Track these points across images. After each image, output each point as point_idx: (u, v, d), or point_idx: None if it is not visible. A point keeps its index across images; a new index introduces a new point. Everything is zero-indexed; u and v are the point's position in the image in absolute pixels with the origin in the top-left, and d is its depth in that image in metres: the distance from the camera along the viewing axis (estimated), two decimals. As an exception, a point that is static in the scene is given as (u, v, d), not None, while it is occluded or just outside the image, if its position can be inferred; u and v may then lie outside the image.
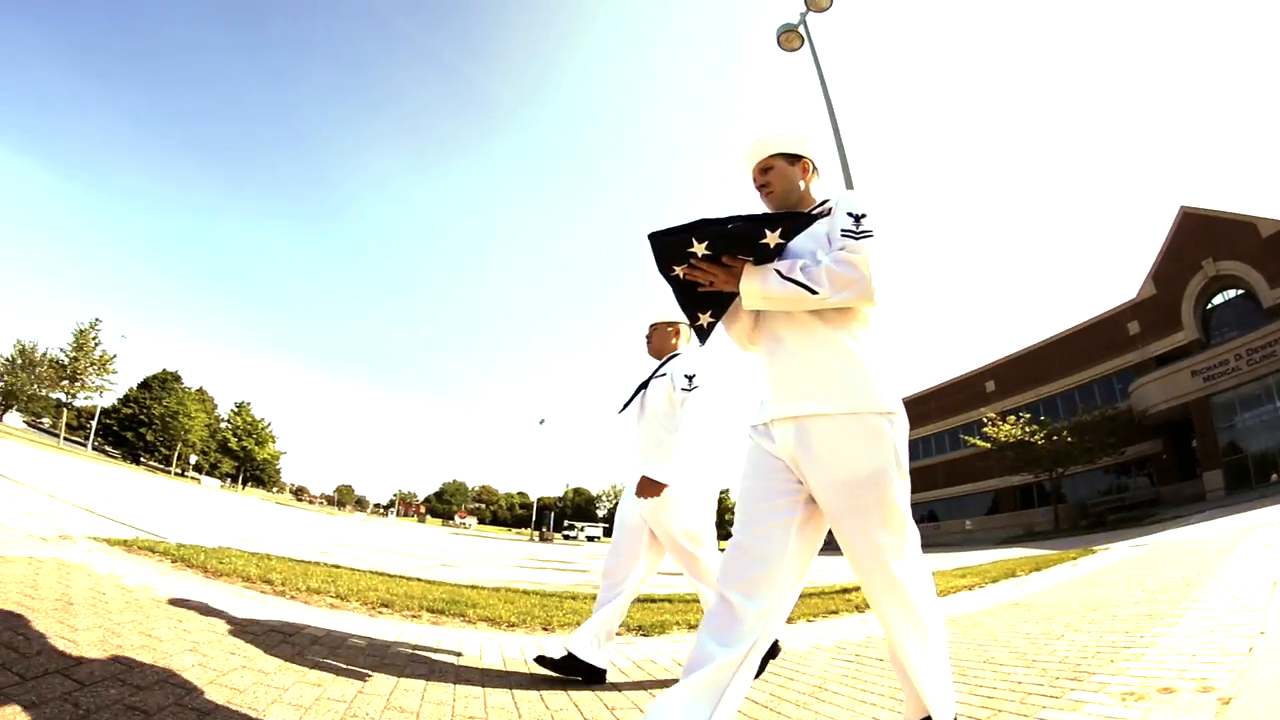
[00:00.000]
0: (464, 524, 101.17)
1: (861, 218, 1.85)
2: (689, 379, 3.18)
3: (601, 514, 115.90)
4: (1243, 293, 27.83)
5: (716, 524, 3.29)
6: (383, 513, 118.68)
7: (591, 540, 75.00)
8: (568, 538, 75.39)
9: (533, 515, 79.66)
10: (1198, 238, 29.33)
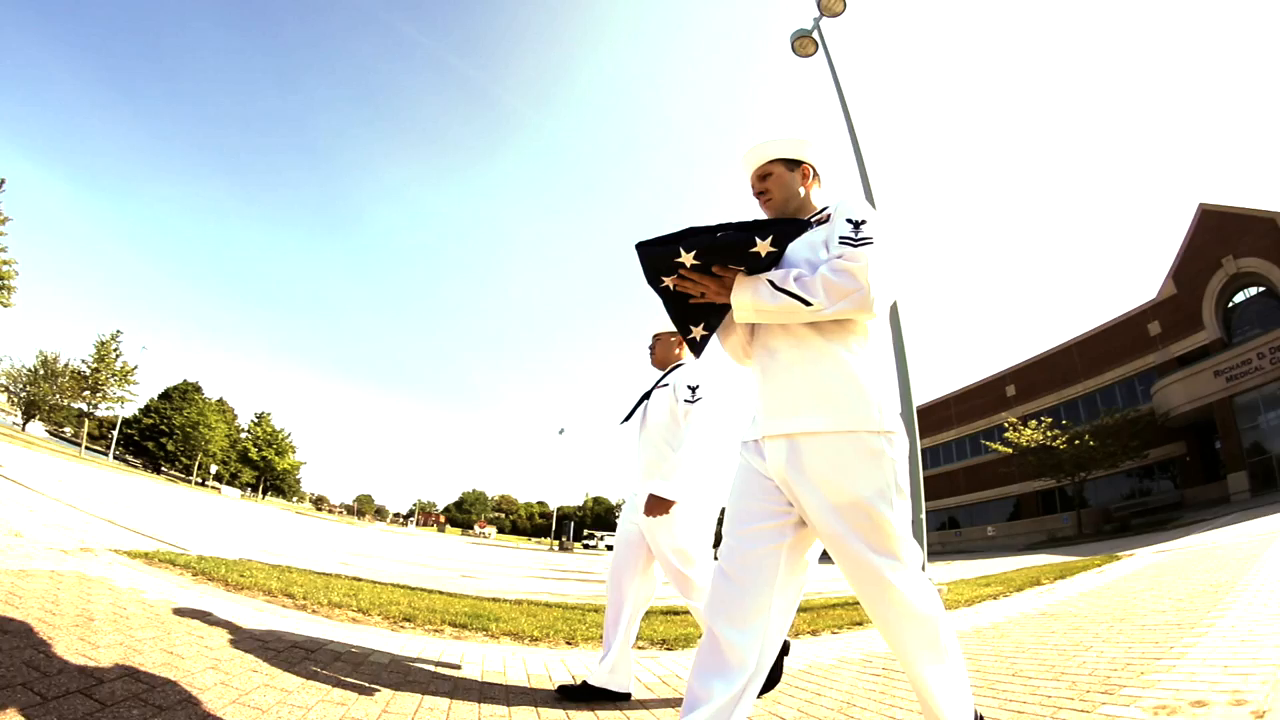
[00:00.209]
0: (483, 534, 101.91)
1: (861, 224, 1.77)
2: (692, 390, 3.11)
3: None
4: (1264, 290, 27.32)
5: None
6: (402, 522, 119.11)
7: (611, 549, 74.70)
8: (588, 547, 75.38)
9: (552, 525, 79.87)
10: (1217, 235, 28.84)
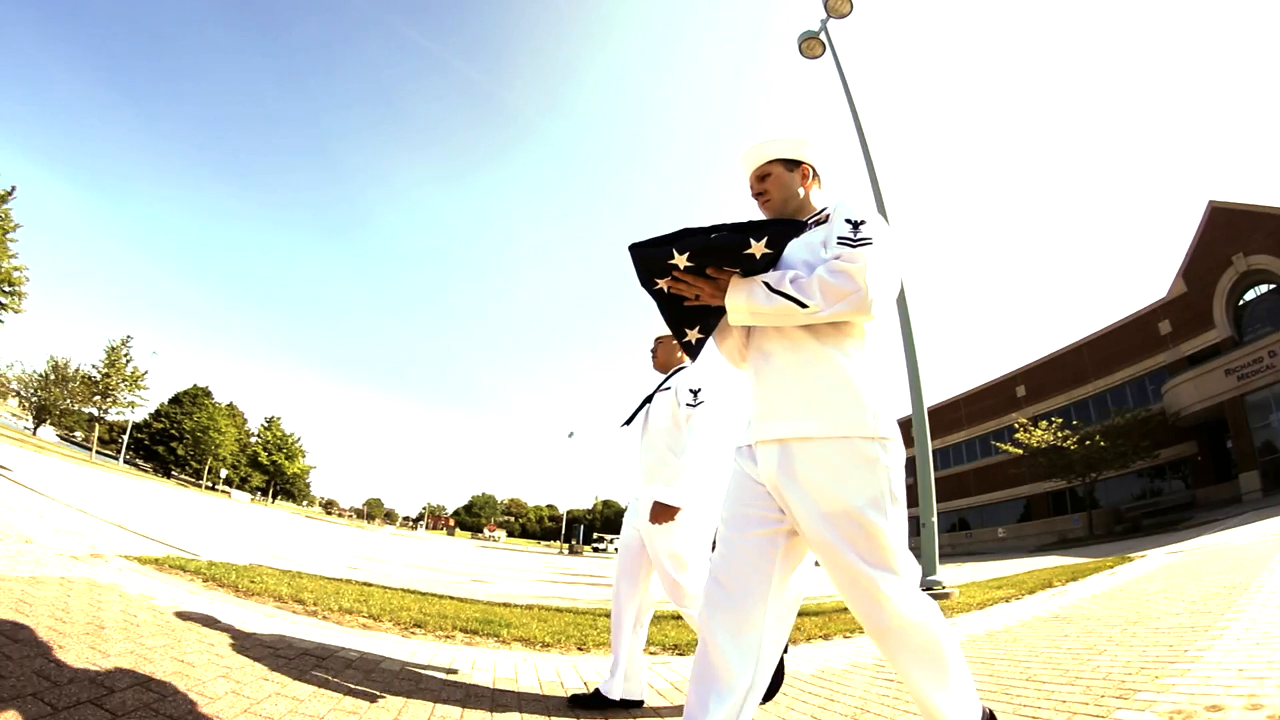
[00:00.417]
0: (493, 537, 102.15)
1: (860, 224, 1.71)
2: (694, 394, 3.07)
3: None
4: (1275, 287, 27.07)
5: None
6: (412, 526, 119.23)
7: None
8: (597, 550, 75.19)
9: (562, 528, 79.87)
10: (1227, 232, 28.61)
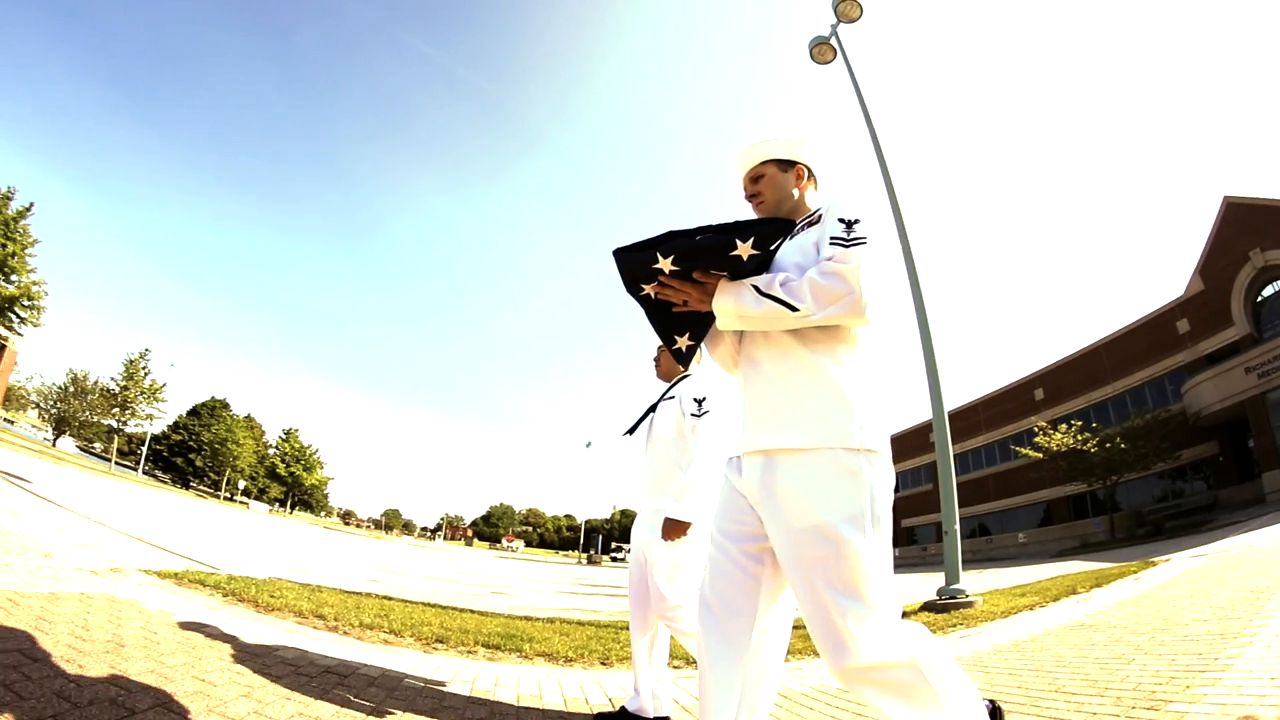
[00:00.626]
0: (511, 547, 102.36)
1: (854, 223, 1.63)
2: (699, 403, 2.98)
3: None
4: (1292, 282, 26.82)
5: None
6: (430, 536, 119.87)
7: (639, 564, 75.17)
8: (616, 560, 75.28)
9: (580, 538, 79.79)
10: (1244, 227, 28.22)
